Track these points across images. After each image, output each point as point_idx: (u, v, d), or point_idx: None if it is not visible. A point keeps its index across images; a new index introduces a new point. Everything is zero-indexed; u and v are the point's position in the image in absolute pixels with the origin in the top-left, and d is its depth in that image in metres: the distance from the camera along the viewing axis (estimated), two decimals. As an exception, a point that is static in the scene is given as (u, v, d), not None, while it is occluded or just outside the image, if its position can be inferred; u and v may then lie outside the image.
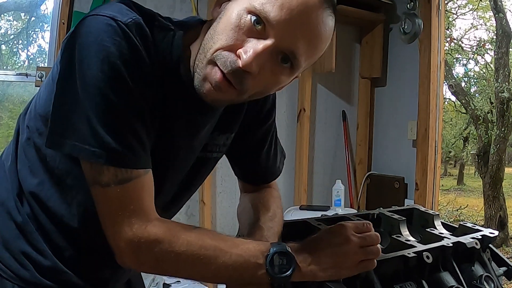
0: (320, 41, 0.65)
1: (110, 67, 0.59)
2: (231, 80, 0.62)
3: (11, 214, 0.71)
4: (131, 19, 0.61)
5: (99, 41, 0.59)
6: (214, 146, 0.83)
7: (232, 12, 0.63)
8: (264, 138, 0.92)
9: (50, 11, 2.09)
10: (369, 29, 2.78)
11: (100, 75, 0.58)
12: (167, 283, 2.07)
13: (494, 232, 0.84)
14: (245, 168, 0.96)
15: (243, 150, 0.91)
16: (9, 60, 2.59)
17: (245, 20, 0.61)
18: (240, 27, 0.61)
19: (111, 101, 0.59)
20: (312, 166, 2.75)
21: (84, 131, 0.59)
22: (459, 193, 9.08)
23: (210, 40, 0.64)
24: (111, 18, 0.60)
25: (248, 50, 0.60)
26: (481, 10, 7.08)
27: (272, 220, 0.83)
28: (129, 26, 0.61)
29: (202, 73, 0.64)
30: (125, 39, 0.60)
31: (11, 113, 2.40)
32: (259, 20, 0.60)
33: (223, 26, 0.63)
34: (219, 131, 0.81)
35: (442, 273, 0.75)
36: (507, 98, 5.30)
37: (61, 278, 0.72)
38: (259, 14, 0.60)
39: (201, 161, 0.82)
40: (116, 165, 0.60)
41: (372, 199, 2.79)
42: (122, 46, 0.59)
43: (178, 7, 2.26)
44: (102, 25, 0.60)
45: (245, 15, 0.61)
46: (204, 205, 2.30)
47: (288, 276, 0.62)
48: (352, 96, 2.91)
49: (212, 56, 0.63)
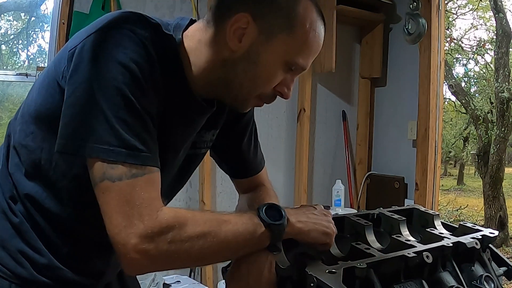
0: None
1: (129, 71, 0.63)
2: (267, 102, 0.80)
3: (7, 215, 0.73)
4: (148, 33, 0.67)
5: (121, 49, 0.63)
6: (202, 142, 0.88)
7: (268, 60, 0.72)
8: (243, 131, 0.97)
9: (50, 11, 2.09)
10: (369, 29, 2.78)
11: (121, 77, 0.62)
12: (167, 283, 2.07)
13: (494, 232, 0.84)
14: (228, 161, 1.00)
15: (225, 144, 0.96)
16: (9, 60, 2.60)
17: (284, 69, 0.74)
18: (281, 74, 0.74)
19: (130, 101, 0.63)
20: (312, 166, 2.75)
21: (101, 131, 0.61)
22: (459, 193, 9.08)
23: (250, 82, 0.74)
24: (130, 31, 0.65)
25: (290, 88, 0.77)
26: (481, 10, 7.08)
27: None
28: (147, 39, 0.66)
29: (243, 101, 0.78)
30: (144, 49, 0.65)
31: (11, 113, 2.40)
32: (295, 66, 0.74)
33: (263, 73, 0.73)
34: (205, 129, 0.86)
35: (442, 273, 0.75)
36: (507, 98, 5.30)
37: (57, 274, 0.74)
38: (296, 64, 0.74)
39: (191, 157, 0.87)
40: (134, 162, 0.62)
41: (372, 199, 2.79)
42: (141, 55, 0.65)
43: (178, 7, 2.26)
44: (122, 36, 0.65)
45: (285, 66, 0.73)
46: (204, 205, 2.30)
47: (282, 224, 0.70)
48: (352, 96, 2.91)
49: (257, 95, 0.77)
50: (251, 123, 0.98)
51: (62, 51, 0.70)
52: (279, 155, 2.59)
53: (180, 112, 0.76)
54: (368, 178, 2.83)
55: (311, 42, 0.73)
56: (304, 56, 0.74)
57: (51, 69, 0.70)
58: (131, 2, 2.11)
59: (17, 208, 0.73)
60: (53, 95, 0.68)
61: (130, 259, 0.61)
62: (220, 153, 0.99)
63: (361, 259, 0.70)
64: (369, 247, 0.77)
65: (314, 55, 0.75)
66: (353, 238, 0.89)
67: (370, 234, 0.87)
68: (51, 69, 0.70)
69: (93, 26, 0.67)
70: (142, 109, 0.64)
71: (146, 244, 0.60)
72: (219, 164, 1.02)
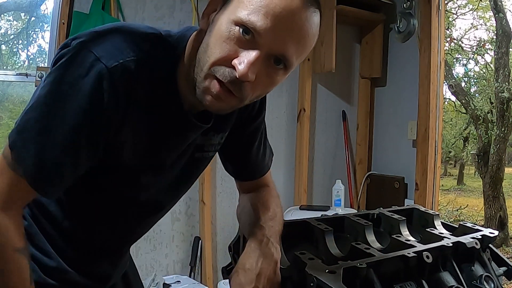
0: (308, 39, 0.67)
1: (75, 107, 0.62)
2: (231, 88, 0.65)
3: None
4: (118, 62, 0.63)
5: (75, 78, 0.62)
6: (210, 146, 0.85)
7: (221, 24, 0.65)
8: (254, 134, 0.94)
9: (50, 11, 2.09)
10: (369, 29, 2.79)
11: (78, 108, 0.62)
12: (167, 283, 2.07)
13: (494, 232, 0.84)
14: (235, 164, 0.98)
15: (234, 146, 0.93)
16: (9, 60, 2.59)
17: (234, 31, 0.64)
18: (231, 38, 0.64)
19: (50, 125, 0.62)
20: (312, 166, 2.75)
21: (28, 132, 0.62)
22: (459, 193, 9.07)
23: (204, 54, 0.66)
24: (98, 59, 0.63)
25: (242, 60, 0.63)
26: (481, 10, 7.08)
27: (273, 219, 0.84)
28: (111, 72, 0.63)
29: (201, 86, 0.67)
30: (96, 87, 0.62)
31: (11, 113, 2.39)
32: (247, 30, 0.63)
33: (214, 39, 0.65)
34: (214, 131, 0.83)
35: (442, 273, 0.75)
36: (507, 98, 5.30)
37: (65, 277, 0.75)
38: (245, 25, 0.63)
39: (198, 161, 0.85)
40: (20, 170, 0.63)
41: (372, 199, 2.79)
42: (90, 93, 0.62)
43: (178, 7, 2.26)
44: (85, 63, 0.62)
45: (233, 27, 0.64)
46: (204, 205, 2.30)
47: None
48: (352, 96, 2.91)
49: (209, 70, 0.65)
50: (262, 127, 0.96)
51: None
52: (279, 155, 2.59)
53: (173, 131, 0.74)
54: (368, 178, 2.83)
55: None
56: (246, 8, 0.63)
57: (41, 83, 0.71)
58: (131, 2, 2.10)
59: (25, 211, 0.74)
60: None
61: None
62: (227, 155, 0.97)
63: (361, 259, 0.70)
64: (369, 247, 0.77)
65: (263, 11, 0.62)
66: (353, 238, 0.89)
67: (370, 234, 0.87)
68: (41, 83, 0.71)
69: (82, 34, 0.66)
70: (81, 138, 0.63)
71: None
72: (224, 163, 1.00)
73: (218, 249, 2.43)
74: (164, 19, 2.21)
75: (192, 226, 2.36)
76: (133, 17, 2.10)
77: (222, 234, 2.45)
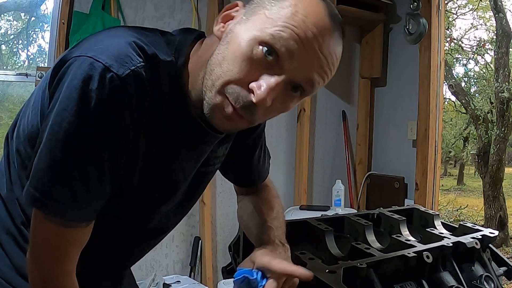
0: (332, 68, 0.63)
1: (84, 119, 0.55)
2: (242, 114, 0.60)
3: (19, 242, 0.71)
4: (129, 70, 0.57)
5: (83, 91, 0.55)
6: (215, 158, 0.82)
7: (242, 39, 0.60)
8: (255, 143, 0.92)
9: (50, 11, 2.09)
10: (369, 29, 2.78)
11: (72, 120, 0.55)
12: (167, 283, 2.07)
13: (494, 232, 0.85)
14: (237, 172, 0.96)
15: (236, 156, 0.91)
16: (9, 60, 2.59)
17: (257, 52, 0.58)
18: (252, 59, 0.58)
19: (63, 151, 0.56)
20: (312, 166, 2.75)
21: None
22: (459, 193, 9.07)
23: (218, 66, 0.60)
24: (107, 68, 0.55)
25: (262, 85, 0.58)
26: (481, 10, 7.08)
27: (278, 220, 0.85)
28: (124, 80, 0.56)
29: (211, 102, 0.61)
30: (111, 97, 0.56)
31: (11, 113, 2.39)
32: (271, 51, 0.58)
33: (232, 54, 0.60)
34: (218, 144, 0.80)
35: (442, 273, 0.75)
36: (507, 98, 5.30)
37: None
38: (272, 46, 0.58)
39: (204, 175, 0.82)
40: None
41: (372, 199, 2.79)
42: (103, 103, 0.55)
43: (178, 7, 2.26)
44: (94, 72, 0.55)
45: (256, 46, 0.58)
46: (204, 205, 2.30)
47: None
48: (352, 96, 2.91)
49: (221, 87, 0.60)
50: (263, 134, 0.94)
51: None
52: (279, 155, 2.59)
53: (186, 144, 0.70)
54: (368, 178, 2.83)
55: (288, 18, 0.58)
56: (274, 25, 0.57)
57: (39, 91, 0.66)
58: (131, 2, 2.10)
59: (27, 233, 0.70)
60: (37, 113, 0.64)
61: None
62: (229, 165, 0.93)
63: (361, 259, 0.70)
64: (369, 247, 0.77)
65: (295, 32, 0.57)
66: (353, 238, 0.89)
67: (370, 234, 0.87)
68: (39, 90, 0.66)
69: (82, 48, 0.59)
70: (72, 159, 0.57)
71: None
72: (224, 174, 0.97)
73: (218, 249, 2.43)
74: (164, 19, 2.21)
75: (192, 226, 2.36)
76: (133, 17, 2.10)
77: (222, 234, 2.45)
